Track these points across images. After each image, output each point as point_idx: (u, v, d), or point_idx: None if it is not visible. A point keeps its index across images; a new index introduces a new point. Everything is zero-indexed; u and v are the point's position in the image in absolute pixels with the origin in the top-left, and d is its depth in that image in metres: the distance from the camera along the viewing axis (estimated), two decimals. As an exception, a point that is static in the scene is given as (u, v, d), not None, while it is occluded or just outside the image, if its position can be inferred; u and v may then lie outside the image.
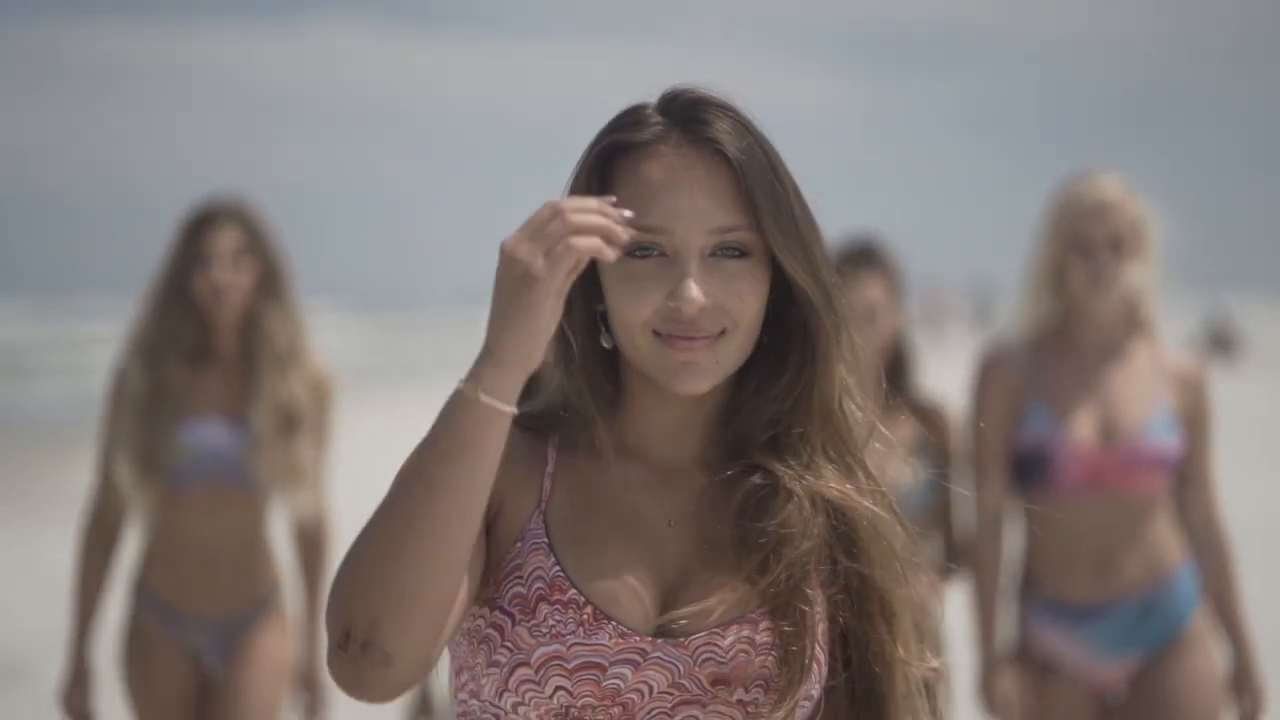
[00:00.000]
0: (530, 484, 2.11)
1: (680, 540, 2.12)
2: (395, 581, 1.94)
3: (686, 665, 2.05)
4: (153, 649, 5.00)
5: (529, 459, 2.13)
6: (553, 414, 2.16)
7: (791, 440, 2.12)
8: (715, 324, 2.07)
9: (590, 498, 2.12)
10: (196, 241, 5.05)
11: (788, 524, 2.08)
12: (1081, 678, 4.58)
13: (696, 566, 2.10)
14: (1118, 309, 4.63)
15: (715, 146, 2.08)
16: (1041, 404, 4.60)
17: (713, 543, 2.10)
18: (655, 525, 2.12)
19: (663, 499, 2.13)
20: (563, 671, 2.04)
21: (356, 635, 1.95)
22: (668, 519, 2.12)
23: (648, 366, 2.10)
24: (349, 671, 1.96)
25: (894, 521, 2.13)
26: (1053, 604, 4.59)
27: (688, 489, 2.14)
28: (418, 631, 1.96)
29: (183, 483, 4.96)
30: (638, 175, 2.09)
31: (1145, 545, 4.55)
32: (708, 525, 2.11)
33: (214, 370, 5.07)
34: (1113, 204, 4.61)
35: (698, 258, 2.06)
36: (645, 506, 2.13)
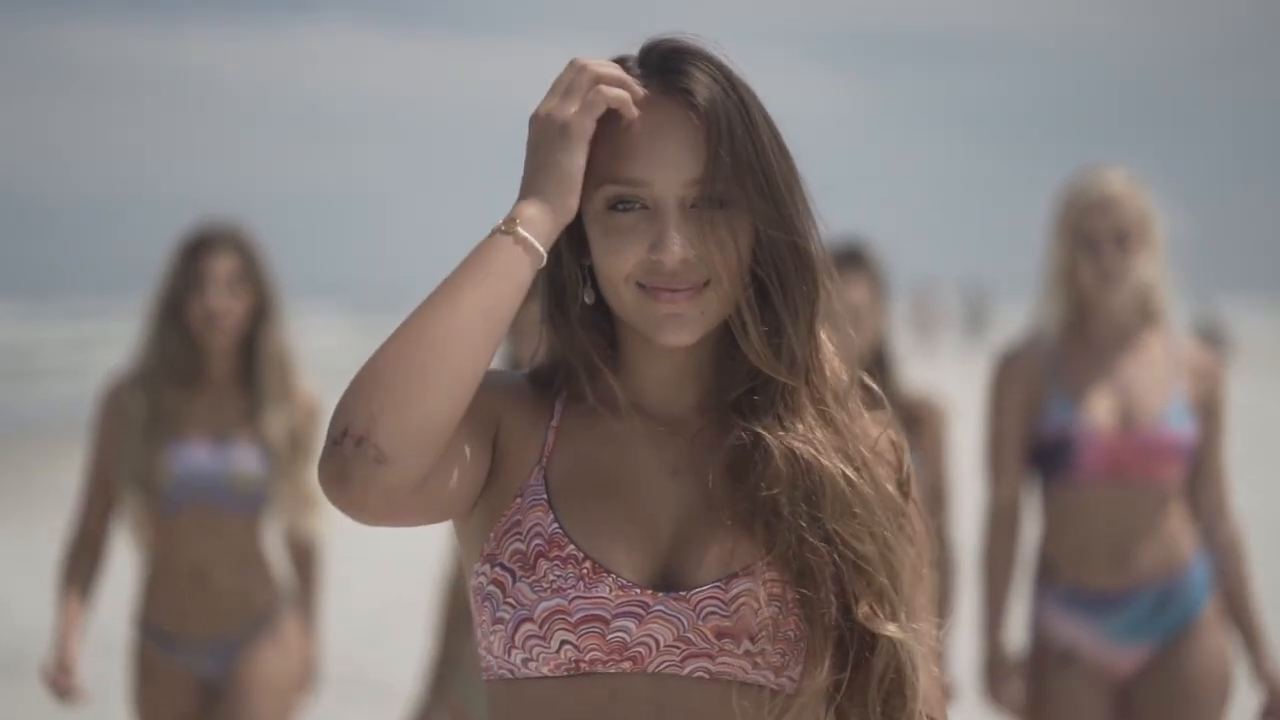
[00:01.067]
0: (534, 437, 2.13)
1: (684, 491, 2.11)
2: (400, 382, 1.95)
3: (690, 619, 2.04)
4: (157, 677, 5.05)
5: (535, 409, 2.14)
6: (560, 369, 2.17)
7: (769, 394, 2.11)
8: (698, 275, 2.06)
9: (592, 452, 2.12)
10: (192, 266, 5.08)
11: (772, 482, 2.07)
12: (1097, 665, 4.61)
13: (698, 519, 2.09)
14: (1129, 302, 4.67)
15: (688, 97, 2.07)
16: (1061, 394, 4.64)
17: (713, 495, 2.10)
18: (658, 477, 2.12)
19: (665, 450, 2.13)
20: (566, 625, 2.04)
21: (353, 431, 1.94)
22: (672, 469, 2.12)
23: (633, 319, 2.10)
24: (338, 466, 1.94)
25: (860, 477, 2.10)
26: (1071, 592, 4.62)
27: (687, 437, 2.14)
28: (414, 435, 1.95)
29: (171, 507, 5.00)
30: (617, 127, 2.08)
31: (1161, 536, 4.58)
32: (704, 477, 2.11)
33: (204, 394, 5.10)
34: (1117, 198, 4.64)
35: (678, 209, 2.06)
36: (647, 459, 2.13)
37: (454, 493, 2.06)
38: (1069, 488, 4.60)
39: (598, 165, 2.07)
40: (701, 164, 2.05)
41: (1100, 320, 4.70)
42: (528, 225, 2.03)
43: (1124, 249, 4.63)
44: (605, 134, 2.07)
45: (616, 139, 2.07)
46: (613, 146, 2.07)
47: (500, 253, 2.02)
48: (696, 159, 2.05)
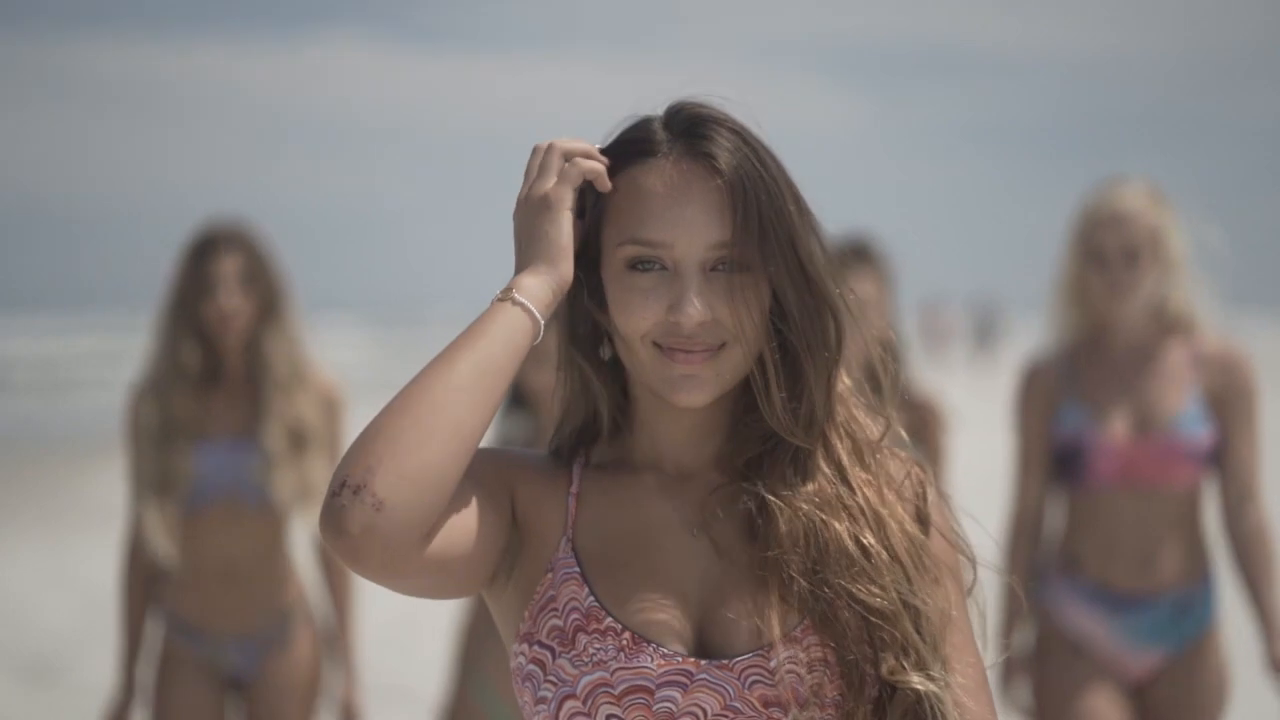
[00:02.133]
0: (555, 506, 2.13)
1: (704, 550, 2.11)
2: (397, 433, 1.97)
3: (735, 687, 2.03)
4: (181, 671, 5.06)
5: (552, 478, 2.14)
6: (575, 437, 2.18)
7: (779, 455, 2.12)
8: (715, 337, 2.07)
9: (615, 516, 2.12)
10: (201, 268, 5.09)
11: (777, 544, 2.07)
12: (1108, 663, 4.65)
13: (723, 581, 2.09)
14: (1142, 314, 4.69)
15: (711, 162, 2.08)
16: (1075, 400, 4.68)
17: (730, 554, 2.10)
18: (679, 536, 2.12)
19: (684, 506, 2.13)
20: (610, 698, 2.03)
21: (351, 482, 1.95)
22: (690, 527, 2.12)
23: (648, 378, 2.10)
24: (336, 516, 1.95)
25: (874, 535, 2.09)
26: (1095, 588, 4.65)
27: (705, 494, 2.14)
28: (411, 483, 1.96)
29: (198, 505, 5.02)
30: (639, 188, 2.09)
31: (1185, 542, 4.62)
32: (723, 534, 2.11)
33: (222, 393, 5.12)
34: (1128, 214, 4.66)
35: (698, 272, 2.07)
36: (668, 517, 2.12)
37: (465, 559, 2.04)
38: (1086, 494, 4.64)
39: (619, 224, 2.09)
40: (724, 228, 2.06)
41: (1114, 333, 4.73)
42: (523, 292, 2.05)
43: (1133, 265, 4.65)
44: (626, 194, 2.10)
45: (638, 200, 2.09)
46: (634, 207, 2.09)
47: (498, 316, 2.04)
48: (720, 223, 2.06)
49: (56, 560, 12.68)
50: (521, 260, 2.09)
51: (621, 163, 2.12)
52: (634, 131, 2.14)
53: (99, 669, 8.93)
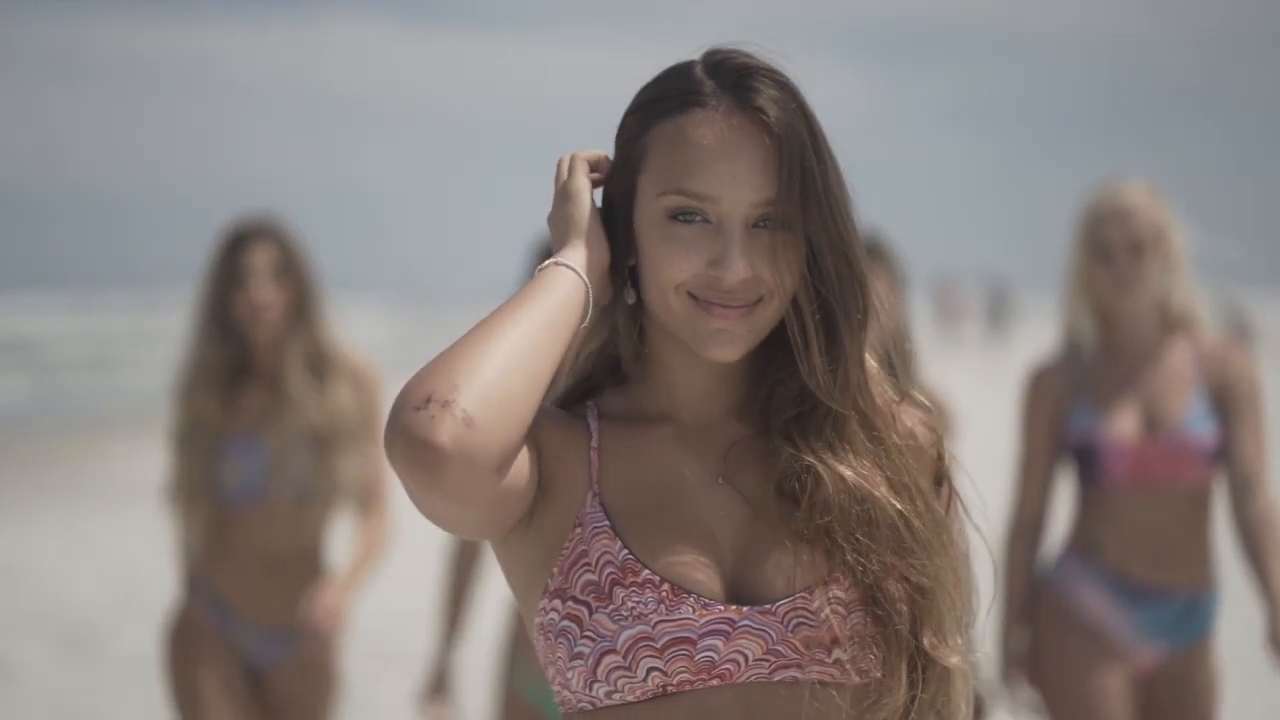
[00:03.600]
0: (577, 461, 2.09)
1: (730, 500, 2.09)
2: (481, 359, 1.95)
3: (778, 631, 2.01)
4: (200, 638, 5.04)
5: (570, 432, 2.10)
6: (587, 384, 2.17)
7: (816, 418, 2.09)
8: (753, 293, 2.05)
9: (639, 468, 2.09)
10: (234, 261, 5.09)
11: (824, 510, 2.05)
12: (1120, 654, 4.69)
13: (752, 529, 2.07)
14: (1147, 311, 4.75)
15: (762, 116, 2.05)
16: (1085, 400, 4.72)
17: (758, 505, 2.08)
18: (705, 485, 2.09)
19: (706, 455, 2.11)
20: (652, 651, 1.99)
21: (437, 397, 1.92)
22: (716, 476, 2.10)
23: (680, 328, 2.07)
24: (422, 425, 1.90)
25: (913, 509, 2.08)
26: (1114, 575, 4.69)
27: (726, 443, 2.12)
28: (498, 409, 1.94)
29: (238, 500, 5.02)
30: (686, 138, 2.05)
31: (1197, 543, 4.68)
32: (749, 486, 2.09)
33: (257, 389, 5.11)
34: (1132, 210, 4.72)
35: (742, 228, 2.04)
36: (691, 467, 2.10)
37: (514, 500, 2.02)
38: (1102, 491, 4.68)
39: (662, 172, 2.06)
40: (771, 185, 2.03)
41: (1120, 329, 4.78)
42: (566, 258, 2.06)
43: (1138, 258, 4.71)
44: (671, 143, 2.07)
45: (686, 150, 2.05)
46: (681, 157, 2.05)
47: (547, 277, 2.05)
48: (767, 180, 2.03)
49: (87, 535, 12.87)
50: (556, 244, 2.10)
51: (664, 110, 2.07)
52: (678, 80, 2.09)
53: (132, 639, 9.09)
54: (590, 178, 2.12)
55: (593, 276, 2.07)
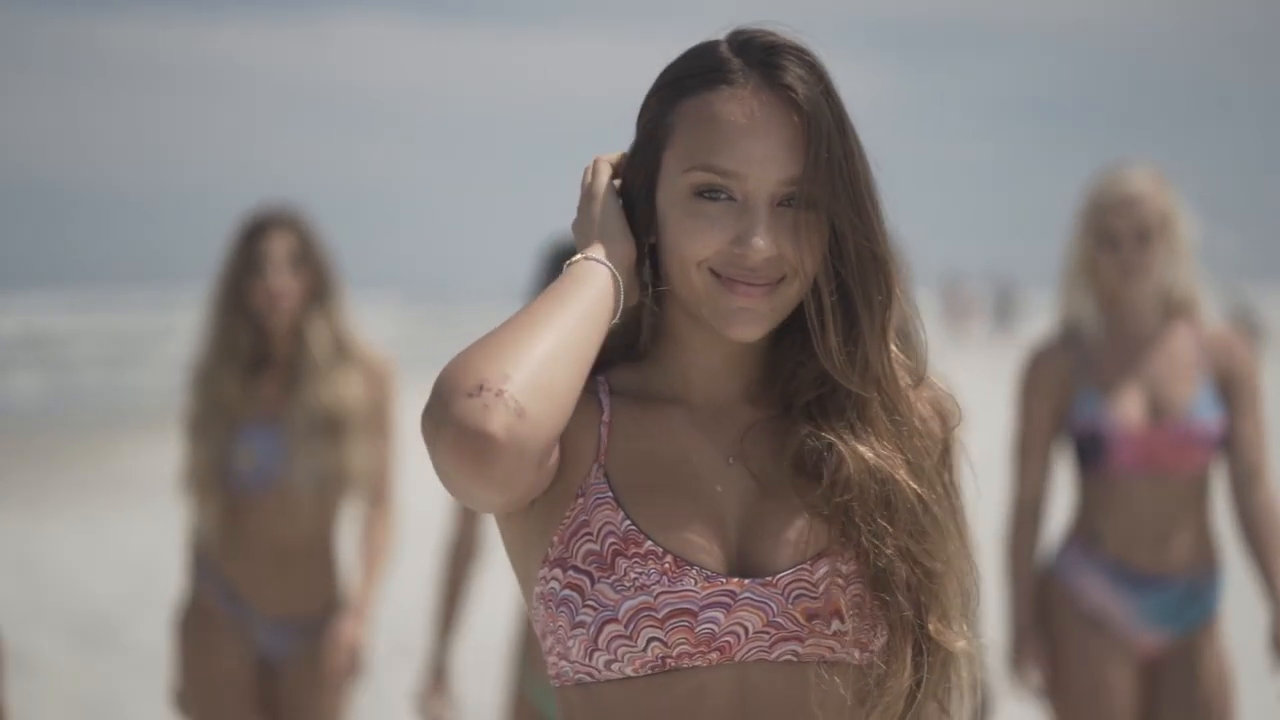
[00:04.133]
0: (587, 433, 2.08)
1: (740, 478, 2.09)
2: (529, 350, 1.94)
3: (779, 603, 2.02)
4: (210, 623, 5.06)
5: (584, 407, 2.08)
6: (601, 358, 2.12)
7: (837, 400, 2.09)
8: (776, 271, 2.04)
9: (648, 443, 2.09)
10: (252, 249, 5.10)
11: (844, 489, 2.05)
12: (1124, 641, 4.71)
13: (760, 505, 2.08)
14: (1152, 298, 4.77)
15: (790, 94, 2.04)
16: (1091, 388, 4.73)
17: (769, 482, 2.08)
18: (714, 464, 2.09)
19: (717, 436, 2.11)
20: (653, 622, 2.00)
21: (490, 385, 1.90)
22: (727, 456, 2.10)
23: (701, 304, 2.07)
24: (475, 413, 1.89)
25: (931, 493, 2.08)
26: (1116, 565, 4.71)
27: (737, 425, 2.12)
28: (546, 397, 1.94)
29: (250, 488, 5.03)
30: (714, 115, 2.05)
31: (1198, 528, 4.70)
32: (761, 464, 2.09)
33: (273, 376, 5.13)
34: (1138, 197, 4.74)
35: (767, 206, 2.04)
36: (702, 446, 2.10)
37: (542, 481, 2.03)
38: (1105, 478, 4.70)
39: (688, 149, 2.05)
40: (798, 164, 2.03)
41: (1125, 316, 4.81)
42: (596, 254, 2.07)
43: (1145, 246, 4.73)
44: (698, 119, 2.06)
45: (713, 126, 2.05)
46: (708, 133, 2.05)
47: (581, 271, 2.05)
48: (794, 158, 2.03)
49: (103, 529, 12.97)
50: (583, 246, 2.09)
51: (691, 87, 2.07)
52: (704, 58, 2.08)
53: (148, 631, 9.19)
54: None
55: (621, 273, 2.06)
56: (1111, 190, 4.79)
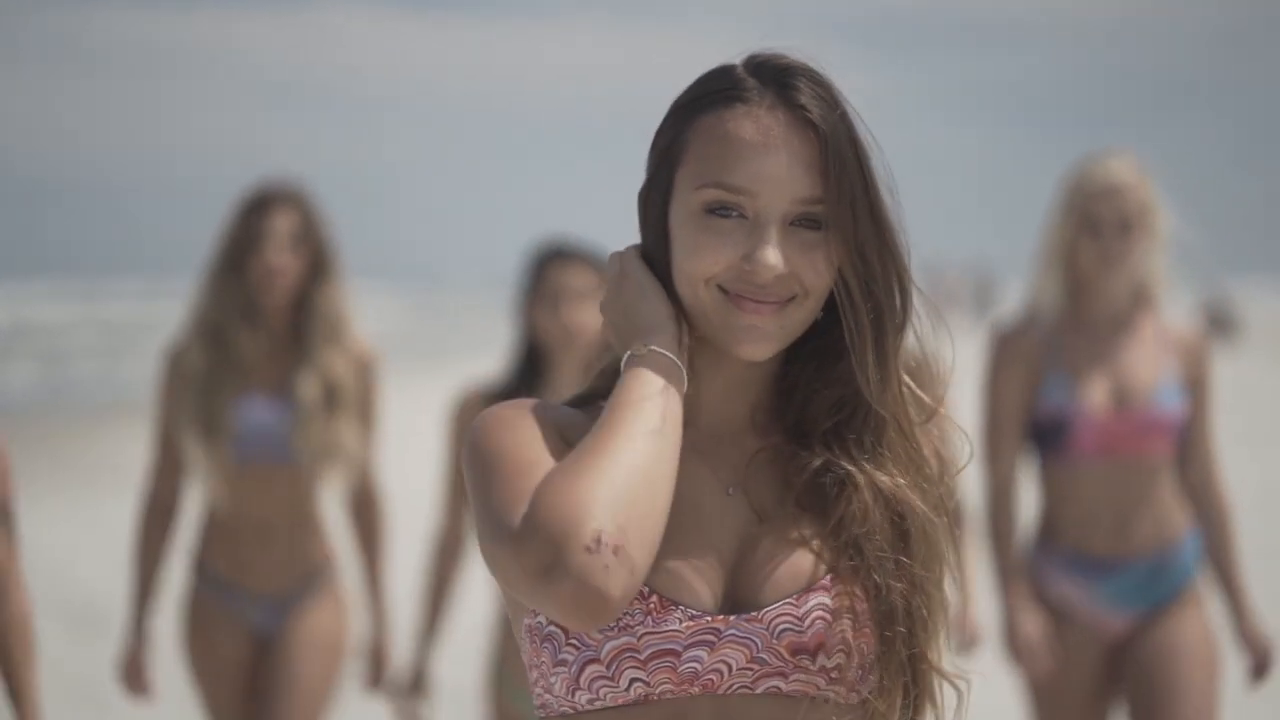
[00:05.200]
0: None
1: (739, 509, 2.08)
2: (641, 498, 1.92)
3: (764, 639, 2.01)
4: (211, 623, 5.08)
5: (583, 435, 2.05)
6: (600, 390, 2.14)
7: (855, 425, 2.07)
8: (786, 290, 2.03)
9: None
10: (253, 224, 5.08)
11: (858, 521, 2.04)
12: (1089, 626, 4.77)
13: (758, 537, 2.06)
14: (1125, 286, 4.81)
15: (805, 114, 2.04)
16: (1059, 373, 4.77)
17: (769, 513, 2.07)
18: (712, 494, 2.08)
19: (717, 465, 2.09)
20: (636, 662, 1.99)
21: (608, 540, 1.88)
22: (726, 486, 2.09)
23: (709, 322, 2.05)
24: (601, 576, 1.87)
25: (943, 523, 2.08)
26: (1073, 555, 4.77)
27: (740, 453, 2.10)
28: (651, 547, 1.93)
29: (235, 460, 5.02)
30: (727, 133, 2.04)
31: (1156, 508, 4.75)
32: (762, 495, 2.08)
33: (261, 350, 5.10)
34: (1123, 186, 4.77)
35: (779, 224, 2.03)
36: (702, 476, 2.08)
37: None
38: (1065, 464, 4.75)
39: (700, 167, 2.05)
40: (811, 184, 2.03)
41: (1096, 302, 4.84)
42: (662, 345, 2.04)
43: (1126, 235, 4.77)
44: (711, 137, 2.06)
45: (726, 144, 2.05)
46: (721, 151, 2.05)
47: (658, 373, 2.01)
48: (807, 177, 2.03)
49: (97, 518, 13.07)
50: (629, 338, 2.07)
51: (705, 106, 2.07)
52: (719, 79, 2.09)
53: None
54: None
55: (682, 354, 2.05)
56: (1096, 178, 4.82)
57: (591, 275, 4.93)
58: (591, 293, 4.88)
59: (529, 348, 5.00)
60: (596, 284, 4.88)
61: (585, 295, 4.90)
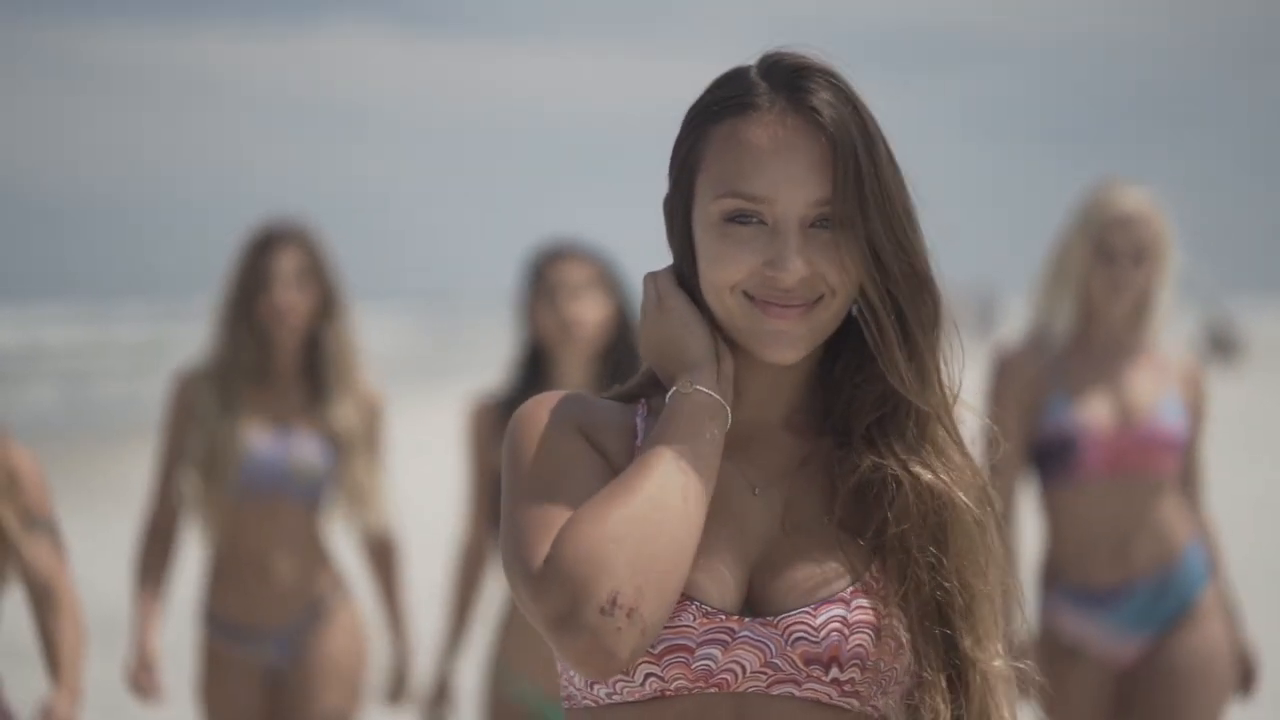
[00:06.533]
0: (619, 458, 2.08)
1: (766, 508, 2.08)
2: (658, 552, 1.95)
3: (778, 644, 2.01)
4: (226, 672, 5.15)
5: (620, 432, 2.09)
6: (642, 386, 2.15)
7: (898, 420, 2.07)
8: (812, 292, 2.03)
9: None
10: (259, 263, 5.16)
11: (901, 518, 2.04)
12: (1102, 659, 4.79)
13: (784, 540, 2.06)
14: (1131, 314, 4.87)
15: (816, 116, 2.03)
16: (1062, 393, 4.81)
17: (801, 515, 2.07)
18: (740, 494, 2.08)
19: (746, 466, 2.09)
20: (650, 657, 2.00)
21: (622, 602, 1.92)
22: (753, 487, 2.08)
23: (737, 330, 2.06)
24: (612, 638, 1.92)
25: (986, 514, 2.08)
26: (1076, 590, 4.80)
27: (773, 453, 2.10)
28: (668, 603, 1.96)
29: (239, 497, 5.10)
30: (741, 141, 2.05)
31: (1157, 527, 4.78)
32: (808, 500, 2.08)
33: (269, 387, 5.18)
34: (1139, 218, 4.84)
35: (799, 229, 2.03)
36: (729, 475, 2.07)
37: None
38: (1069, 486, 4.79)
39: (718, 176, 2.06)
40: (826, 185, 2.03)
41: (1101, 327, 4.90)
42: (703, 383, 2.05)
43: (1139, 265, 4.84)
44: (726, 146, 2.06)
45: (741, 152, 2.05)
46: (736, 159, 2.05)
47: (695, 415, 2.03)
48: (822, 179, 2.03)
49: (110, 536, 13.18)
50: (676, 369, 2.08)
51: (719, 114, 2.08)
52: (731, 84, 2.09)
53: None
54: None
55: (728, 388, 2.07)
56: (1112, 206, 4.88)
57: (587, 268, 4.95)
58: (589, 285, 4.93)
59: (531, 349, 5.02)
60: (593, 277, 4.94)
61: (582, 288, 4.92)
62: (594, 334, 4.90)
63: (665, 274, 2.12)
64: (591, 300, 4.90)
